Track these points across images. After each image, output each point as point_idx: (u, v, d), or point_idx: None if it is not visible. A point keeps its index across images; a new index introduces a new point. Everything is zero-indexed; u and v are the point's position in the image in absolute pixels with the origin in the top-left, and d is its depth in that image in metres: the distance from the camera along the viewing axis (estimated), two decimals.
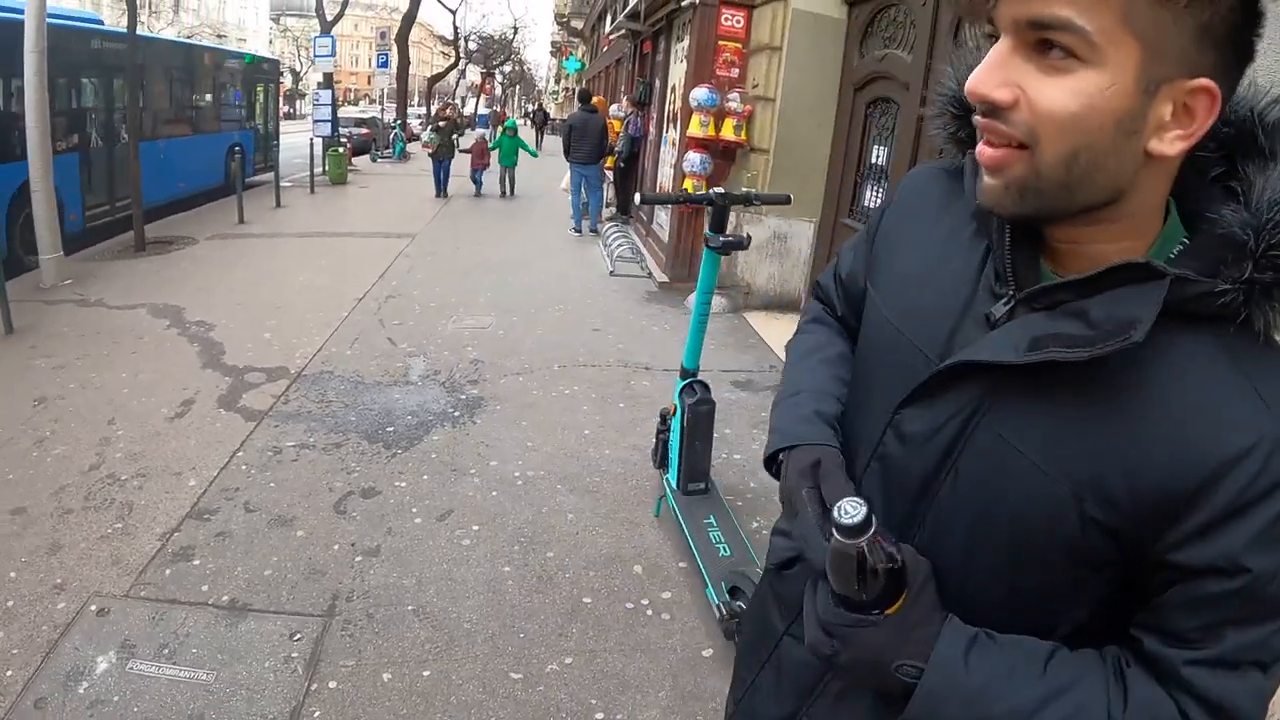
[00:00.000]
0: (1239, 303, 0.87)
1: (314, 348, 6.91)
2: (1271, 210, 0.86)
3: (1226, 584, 0.87)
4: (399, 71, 29.04)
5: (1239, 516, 0.85)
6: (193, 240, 11.30)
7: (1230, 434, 0.85)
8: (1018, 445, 0.96)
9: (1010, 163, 0.90)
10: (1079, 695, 0.93)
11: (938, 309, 1.08)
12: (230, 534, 4.02)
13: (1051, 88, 0.84)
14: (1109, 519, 0.91)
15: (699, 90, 8.63)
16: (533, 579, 3.80)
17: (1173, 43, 0.81)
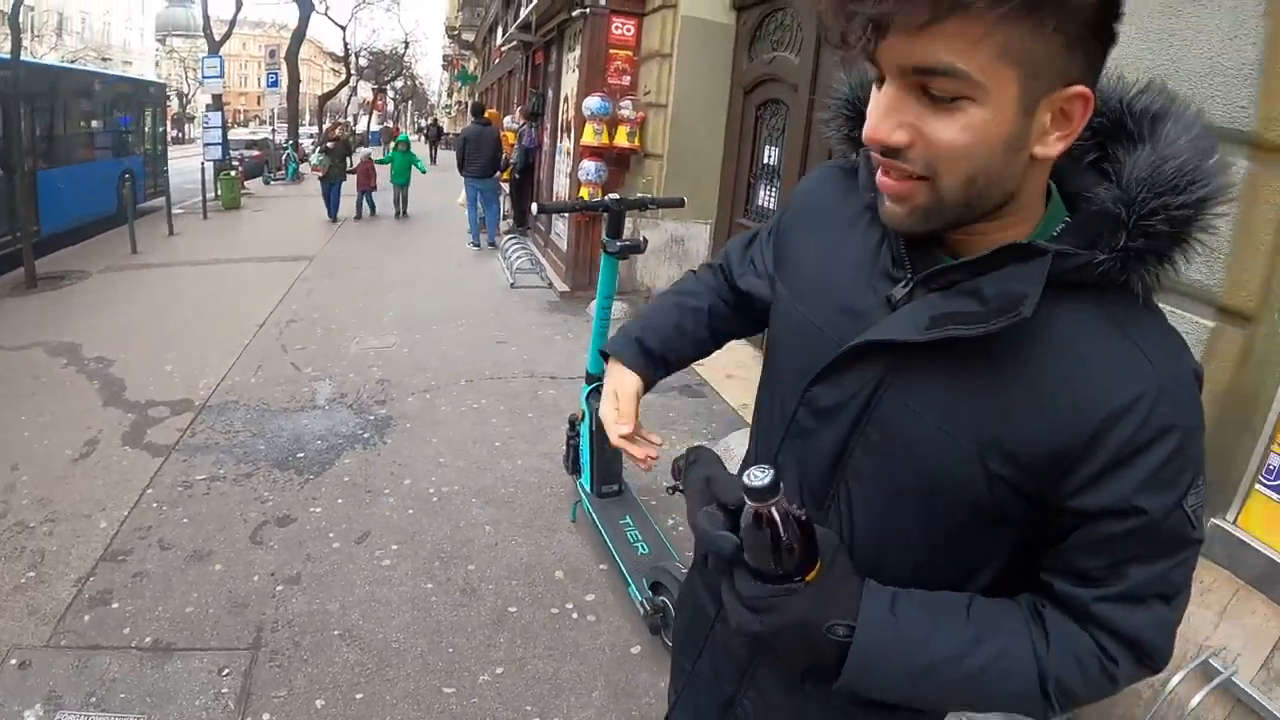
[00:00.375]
0: (1116, 270, 0.96)
1: (217, 377, 6.86)
2: (1139, 187, 0.95)
3: (1123, 524, 0.97)
4: (289, 90, 28.61)
5: (1129, 462, 0.95)
6: (85, 274, 11.05)
7: (1116, 388, 0.95)
8: (921, 413, 1.04)
9: (912, 193, 0.97)
10: (1005, 636, 1.04)
11: (842, 295, 1.16)
12: (147, 574, 3.99)
13: (943, 125, 0.91)
14: (1011, 475, 1.00)
15: (591, 99, 8.76)
16: (456, 593, 3.88)
17: (1046, 62, 0.88)
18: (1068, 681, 1.02)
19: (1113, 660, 1.02)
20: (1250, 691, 2.53)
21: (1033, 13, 0.84)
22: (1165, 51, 2.84)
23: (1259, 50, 2.56)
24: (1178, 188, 0.94)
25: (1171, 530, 0.98)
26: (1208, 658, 2.65)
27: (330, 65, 61.87)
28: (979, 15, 0.83)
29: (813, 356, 1.15)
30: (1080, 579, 1.03)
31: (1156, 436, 0.94)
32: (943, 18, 0.84)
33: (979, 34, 0.85)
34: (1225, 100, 2.66)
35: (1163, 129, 1.00)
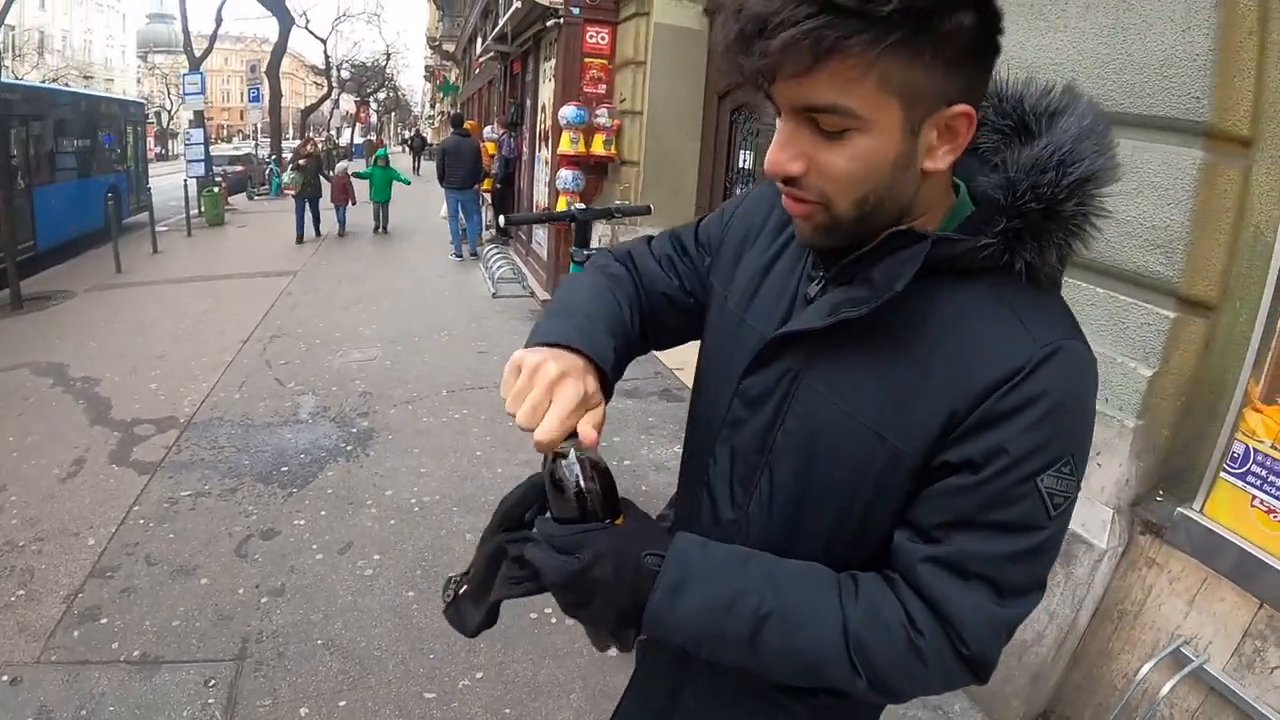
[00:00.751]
0: (1000, 253, 1.02)
1: (202, 394, 6.91)
2: (1018, 171, 1.01)
3: (970, 479, 0.99)
4: (271, 105, 28.55)
5: (996, 424, 0.98)
6: (70, 294, 11.10)
7: (1001, 359, 0.99)
8: (829, 397, 1.10)
9: (811, 214, 1.03)
10: (814, 584, 1.07)
11: (773, 298, 1.22)
12: (135, 589, 4.05)
13: (833, 155, 0.97)
14: (908, 447, 1.04)
15: (567, 108, 8.82)
16: (438, 600, 3.86)
17: (926, 87, 0.93)
18: (870, 645, 1.02)
19: (919, 632, 1.01)
20: (1222, 679, 2.58)
21: (904, 45, 0.90)
22: (1119, 45, 2.89)
23: (1211, 40, 2.62)
24: (1046, 169, 1.00)
25: (1019, 504, 0.99)
26: (1179, 646, 2.71)
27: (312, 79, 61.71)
28: (857, 56, 0.89)
29: (747, 354, 1.21)
30: (916, 532, 1.05)
31: (1026, 402, 0.98)
32: (822, 62, 0.90)
33: (858, 73, 0.91)
34: (1180, 91, 2.72)
35: (1057, 124, 1.06)
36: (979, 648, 1.01)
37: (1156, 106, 2.80)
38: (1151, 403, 2.91)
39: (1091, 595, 2.98)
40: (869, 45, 0.88)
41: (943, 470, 1.03)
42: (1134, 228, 2.89)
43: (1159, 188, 2.82)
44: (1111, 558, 2.95)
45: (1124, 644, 2.94)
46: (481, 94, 22.94)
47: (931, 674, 1.03)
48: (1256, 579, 2.57)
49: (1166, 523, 2.84)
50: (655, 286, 1.42)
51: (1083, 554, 2.97)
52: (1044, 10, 3.20)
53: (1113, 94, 2.91)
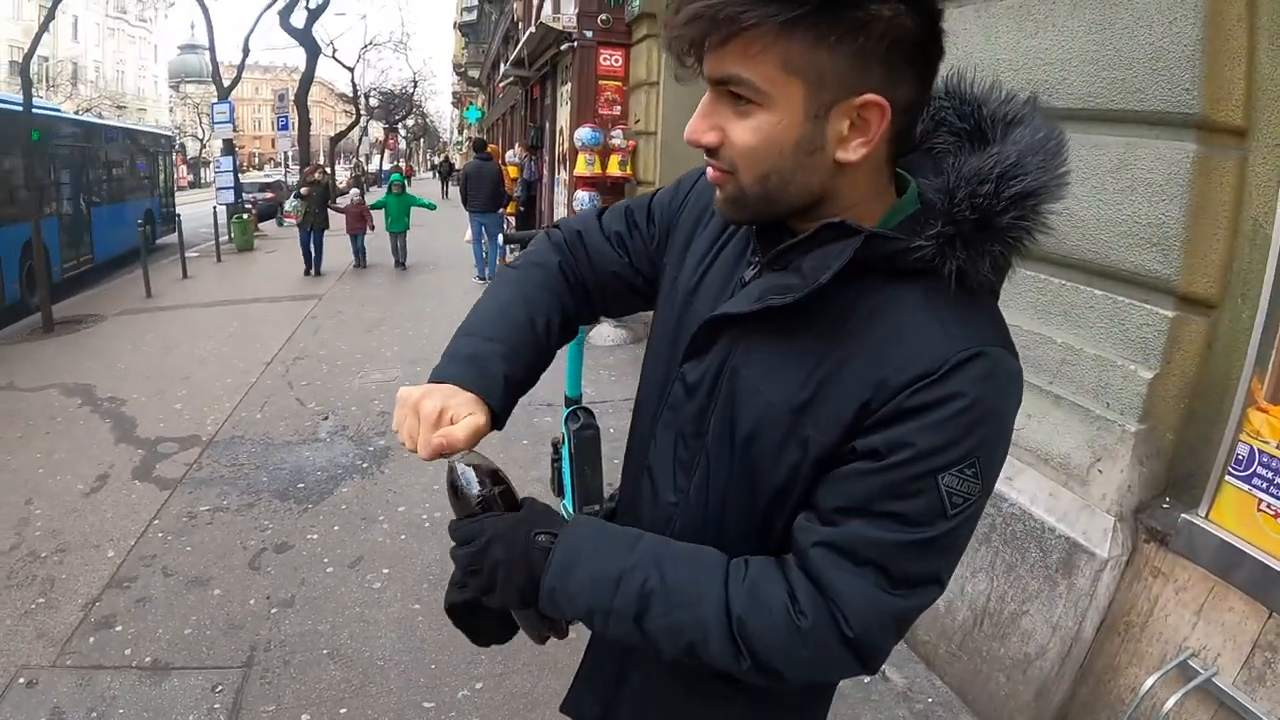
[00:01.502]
0: (933, 255, 1.02)
1: (224, 414, 6.99)
2: (959, 179, 1.02)
3: (871, 465, 1.01)
4: (300, 133, 28.86)
5: (906, 418, 0.99)
6: (101, 318, 11.27)
7: (917, 357, 1.00)
8: (754, 381, 1.13)
9: (724, 183, 1.08)
10: (699, 559, 1.10)
11: (718, 282, 1.25)
12: (150, 599, 4.12)
13: (739, 128, 1.02)
14: (821, 436, 1.06)
15: (582, 130, 8.88)
16: (441, 613, 3.91)
17: (832, 73, 0.96)
18: (751, 625, 1.04)
19: (801, 613, 1.02)
20: (1232, 693, 2.49)
21: (810, 28, 0.93)
22: (1108, 41, 2.88)
23: (1199, 30, 2.59)
24: (986, 180, 1.00)
25: (916, 498, 1.00)
26: (1186, 658, 2.63)
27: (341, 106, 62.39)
28: (758, 32, 0.94)
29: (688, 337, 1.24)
30: (815, 515, 1.07)
31: (937, 401, 0.98)
32: (731, 36, 0.95)
33: (760, 48, 0.95)
34: (1170, 84, 2.69)
35: (1012, 133, 1.06)
36: (863, 632, 1.02)
37: (1147, 101, 2.77)
38: (1153, 406, 2.87)
39: (1095, 606, 2.92)
40: (765, 20, 0.92)
41: (848, 456, 1.04)
42: (1130, 226, 2.87)
43: (1153, 184, 2.78)
44: (1114, 567, 2.89)
45: (1130, 657, 2.87)
46: (505, 119, 23.22)
47: (814, 656, 1.04)
48: (1266, 587, 2.49)
49: (1171, 530, 2.77)
50: (605, 265, 1.46)
51: (1085, 564, 2.91)
52: (1032, 10, 3.20)
53: (1103, 91, 2.91)
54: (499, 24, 27.21)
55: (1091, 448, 2.99)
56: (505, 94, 21.14)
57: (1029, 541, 3.10)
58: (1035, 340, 3.19)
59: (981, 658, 3.25)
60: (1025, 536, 3.12)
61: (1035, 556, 3.08)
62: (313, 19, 28.14)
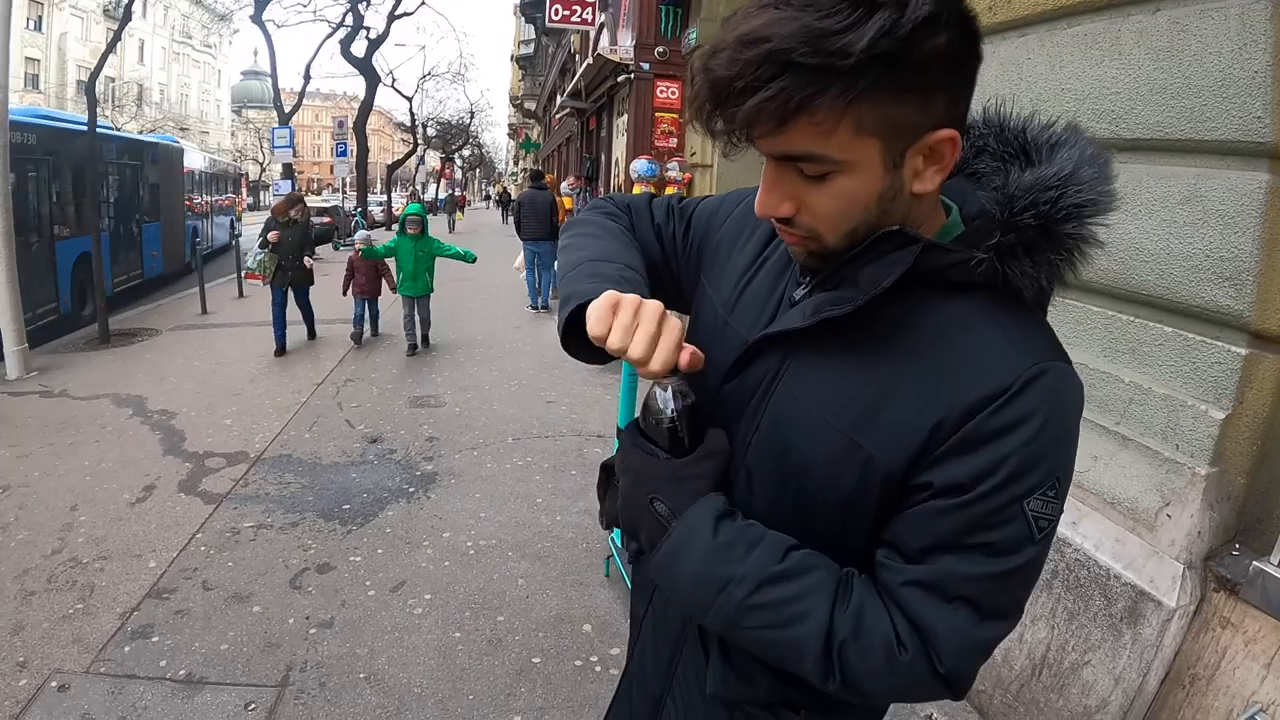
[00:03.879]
0: (994, 268, 1.02)
1: (273, 432, 7.02)
2: (1020, 189, 1.02)
3: (953, 501, 0.99)
4: (358, 160, 29.38)
5: (981, 445, 0.98)
6: (156, 332, 11.47)
7: (988, 375, 0.99)
8: (805, 399, 1.11)
9: (805, 245, 1.08)
10: (809, 584, 1.06)
11: (759, 301, 1.24)
12: (188, 611, 4.12)
13: (818, 196, 1.00)
14: (884, 455, 1.04)
15: (638, 162, 8.88)
16: (483, 642, 3.91)
17: (905, 121, 0.94)
18: (851, 653, 1.02)
19: (903, 646, 1.01)
20: None
21: (880, 88, 0.90)
22: (1176, 69, 2.80)
23: (1269, 55, 2.51)
24: (1049, 187, 1.01)
25: (1005, 527, 0.99)
26: (1255, 713, 2.53)
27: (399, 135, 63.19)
28: (825, 110, 0.90)
29: (729, 355, 1.22)
30: (898, 553, 1.05)
31: (1013, 424, 0.97)
32: (791, 121, 0.91)
33: (830, 124, 0.92)
34: (1240, 112, 2.60)
35: (1058, 154, 1.07)
36: (955, 666, 1.02)
37: (1217, 130, 2.68)
38: (1225, 448, 2.75)
39: (1161, 658, 2.79)
40: (837, 98, 0.89)
41: (926, 491, 1.02)
42: (1200, 260, 2.76)
43: (1224, 215, 2.68)
44: (1182, 617, 2.76)
45: (1195, 711, 2.73)
46: (560, 150, 23.44)
47: (906, 685, 1.04)
48: None
49: (1242, 578, 2.66)
50: (644, 251, 1.44)
51: (1151, 613, 2.79)
52: (1098, 39, 3.11)
53: (1172, 120, 2.82)
54: (556, 56, 27.58)
55: (1160, 491, 2.87)
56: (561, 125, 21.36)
57: (1093, 589, 2.99)
58: (1102, 379, 3.09)
59: (1039, 709, 3.12)
60: (1089, 583, 3.00)
61: (1099, 605, 2.96)
62: (373, 49, 28.76)
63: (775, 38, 0.88)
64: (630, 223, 1.48)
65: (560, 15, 13.29)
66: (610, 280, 1.19)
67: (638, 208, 1.51)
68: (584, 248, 1.33)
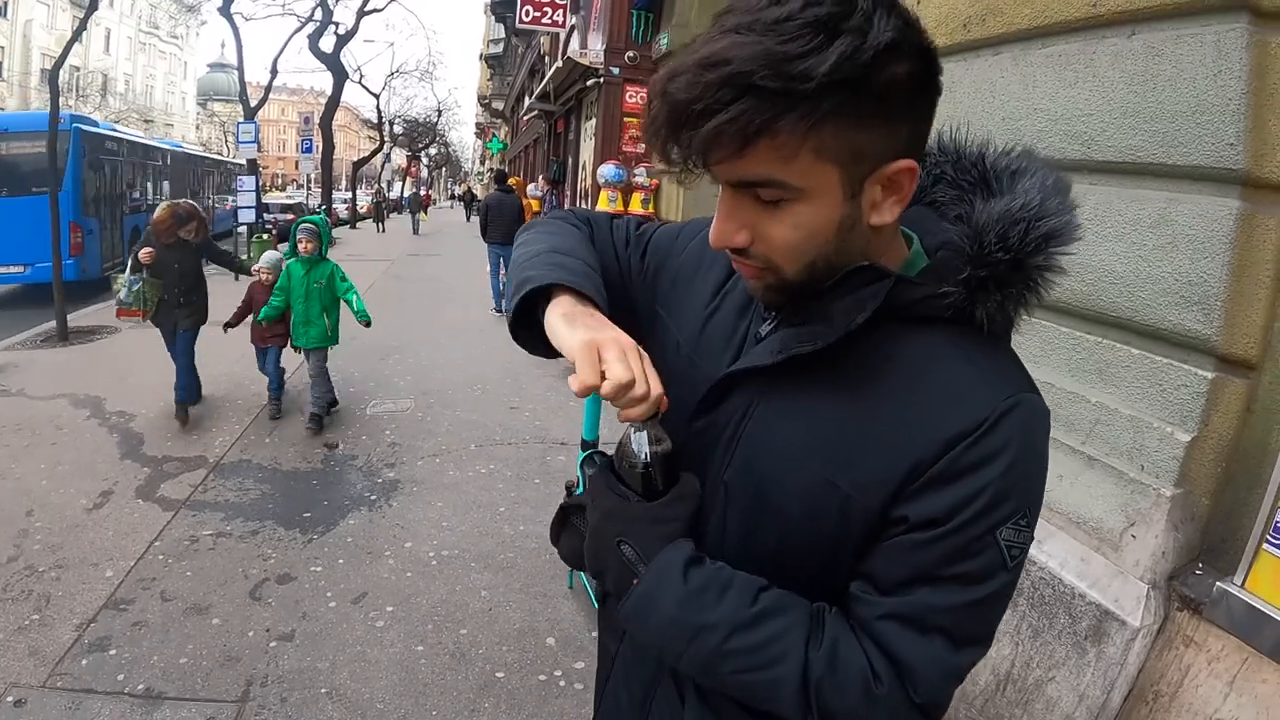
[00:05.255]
0: (964, 302, 1.03)
1: (234, 436, 6.95)
2: (987, 222, 1.02)
3: (929, 534, 0.99)
4: (323, 156, 29.12)
5: (957, 479, 0.98)
6: (116, 329, 11.23)
7: (962, 410, 0.99)
8: (778, 438, 1.10)
9: (762, 278, 1.07)
10: (782, 625, 1.05)
11: (723, 337, 1.23)
12: (146, 623, 4.05)
13: (775, 225, 0.99)
14: (858, 495, 1.03)
15: (606, 166, 8.86)
16: (446, 656, 3.87)
17: (866, 148, 0.94)
18: (828, 691, 1.02)
19: (879, 680, 1.01)
20: None
21: (842, 113, 0.89)
22: (1150, 93, 2.80)
23: (1243, 84, 2.51)
24: (1017, 220, 1.01)
25: (978, 557, 0.99)
26: None
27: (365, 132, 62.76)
28: (786, 134, 0.89)
29: (695, 394, 1.19)
30: (874, 586, 1.05)
31: (988, 457, 0.98)
32: (751, 144, 0.90)
33: (790, 149, 0.91)
34: (1213, 138, 2.61)
35: (1019, 184, 1.08)
36: (931, 695, 1.02)
37: (1190, 155, 2.69)
38: (1190, 470, 2.76)
39: (1124, 675, 2.80)
40: (799, 122, 0.88)
41: (901, 525, 1.02)
42: (1169, 283, 2.77)
43: (1194, 240, 2.69)
44: (1146, 635, 2.78)
45: None
46: (528, 151, 23.39)
47: (884, 717, 1.03)
48: None
49: (1205, 598, 2.67)
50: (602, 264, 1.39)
51: (1115, 632, 2.80)
52: (1072, 61, 3.11)
53: (1144, 144, 2.82)
54: (525, 57, 27.50)
55: (1125, 512, 2.89)
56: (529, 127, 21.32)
57: (1058, 607, 2.99)
58: (1068, 398, 3.09)
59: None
60: (1054, 602, 3.01)
61: (1064, 623, 2.97)
62: (341, 44, 28.52)
63: (736, 60, 0.87)
64: (590, 236, 1.45)
65: (531, 16, 13.25)
66: (572, 272, 1.19)
67: (598, 223, 1.50)
68: (544, 242, 1.32)
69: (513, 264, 1.30)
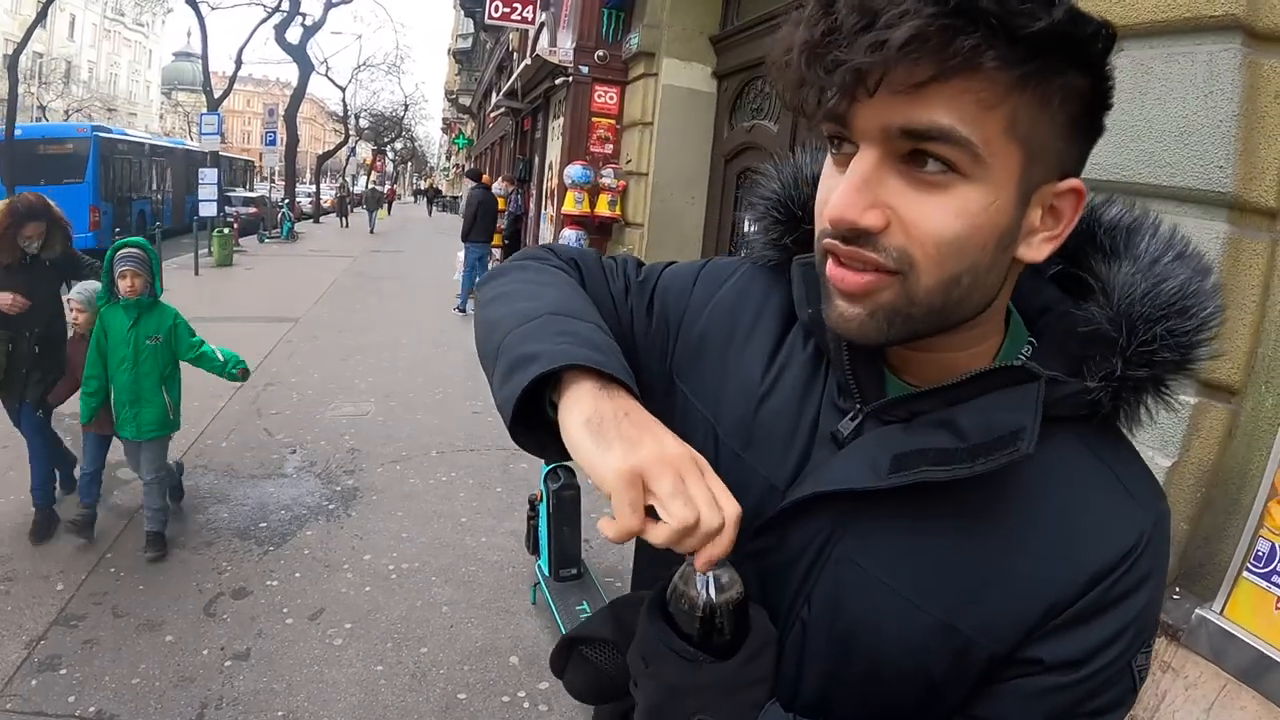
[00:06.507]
0: (1107, 399, 0.85)
1: (188, 440, 6.73)
2: (1132, 305, 0.83)
3: (1073, 676, 0.84)
4: (288, 149, 28.85)
5: (1105, 613, 0.84)
6: None
7: (1111, 538, 0.84)
8: (879, 574, 0.89)
9: (878, 289, 0.79)
10: None
11: (778, 429, 0.98)
12: (98, 641, 3.90)
13: (929, 208, 0.75)
14: (986, 640, 0.86)
15: (573, 167, 8.73)
16: (406, 677, 3.77)
17: (1048, 145, 0.76)
18: None
19: None
20: None
21: (1046, 82, 0.72)
22: (1137, 111, 2.74)
23: (1235, 105, 2.46)
24: (1184, 311, 0.84)
25: (1114, 688, 0.86)
26: None
27: (331, 125, 62.26)
28: (989, 77, 0.70)
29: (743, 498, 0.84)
30: None
31: (1133, 589, 0.84)
32: (947, 75, 0.70)
33: (989, 100, 0.72)
34: (1201, 160, 2.56)
35: (1138, 244, 0.89)
36: None
37: (1176, 176, 2.65)
38: (1169, 495, 2.70)
39: None
40: (1007, 66, 0.69)
41: (1034, 667, 0.86)
42: None
43: None
44: None
45: None
46: (494, 148, 23.24)
47: None
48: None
49: (1183, 624, 2.63)
50: None
51: None
52: None
53: (1129, 163, 2.77)
54: (494, 53, 27.33)
55: None
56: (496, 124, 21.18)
57: None
58: None
59: None
60: None
61: None
62: (308, 36, 28.38)
63: None
64: (581, 280, 1.14)
65: (500, 12, 13.08)
66: (587, 344, 0.89)
67: (587, 264, 1.18)
68: (536, 296, 1.01)
69: (491, 324, 1.01)
